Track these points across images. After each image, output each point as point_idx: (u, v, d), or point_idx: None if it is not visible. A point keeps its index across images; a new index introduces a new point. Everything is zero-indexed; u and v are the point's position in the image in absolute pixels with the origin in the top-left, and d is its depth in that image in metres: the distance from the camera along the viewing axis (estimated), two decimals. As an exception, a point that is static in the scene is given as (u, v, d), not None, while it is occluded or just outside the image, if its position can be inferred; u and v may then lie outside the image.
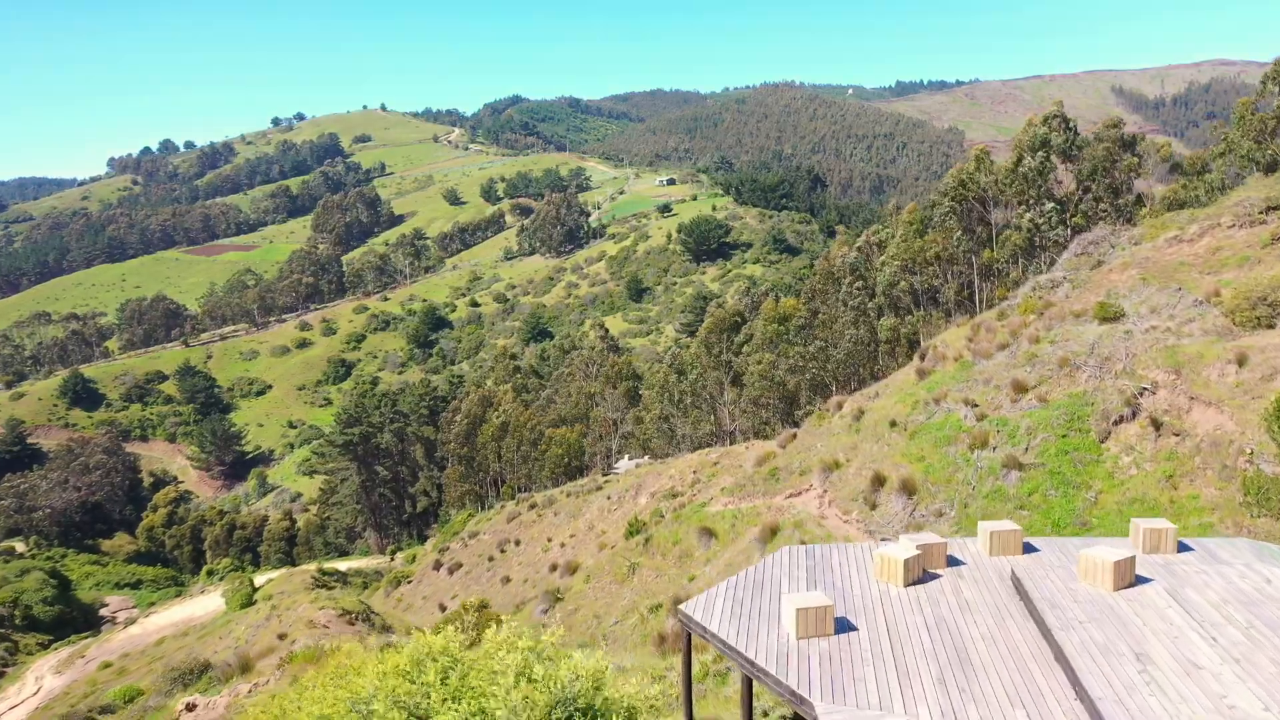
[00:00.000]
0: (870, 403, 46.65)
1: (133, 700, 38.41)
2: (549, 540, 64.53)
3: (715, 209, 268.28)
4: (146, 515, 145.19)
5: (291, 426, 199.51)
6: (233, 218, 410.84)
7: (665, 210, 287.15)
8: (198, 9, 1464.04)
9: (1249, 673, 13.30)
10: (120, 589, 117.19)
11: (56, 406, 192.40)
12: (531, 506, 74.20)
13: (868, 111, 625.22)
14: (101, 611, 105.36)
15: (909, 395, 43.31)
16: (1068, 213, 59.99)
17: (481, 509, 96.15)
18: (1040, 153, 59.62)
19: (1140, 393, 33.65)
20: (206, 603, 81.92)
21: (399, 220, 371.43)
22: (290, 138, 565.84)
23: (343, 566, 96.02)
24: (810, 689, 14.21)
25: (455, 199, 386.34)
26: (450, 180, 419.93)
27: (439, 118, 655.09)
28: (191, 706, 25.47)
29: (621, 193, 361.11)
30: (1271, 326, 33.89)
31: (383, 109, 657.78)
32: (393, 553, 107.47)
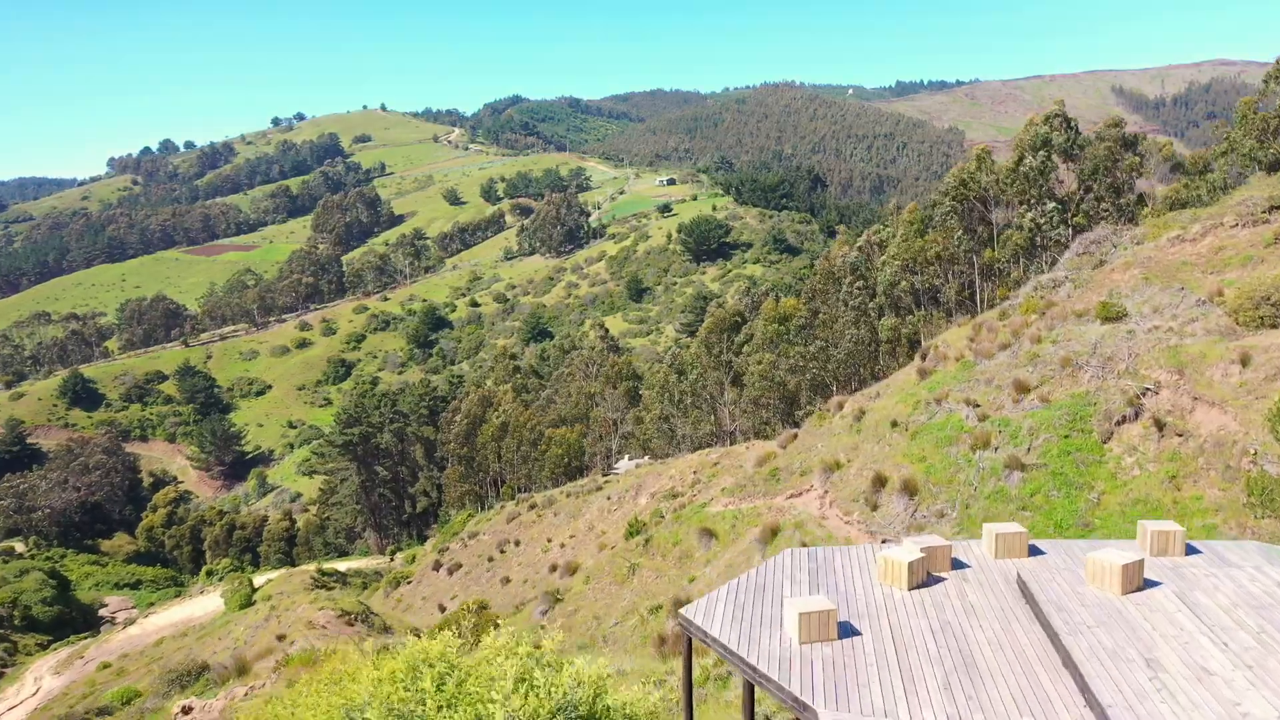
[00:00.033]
0: (871, 403, 46.47)
1: (130, 702, 38.25)
2: (549, 541, 64.37)
3: (715, 209, 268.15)
4: (146, 515, 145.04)
5: (291, 426, 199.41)
6: (233, 218, 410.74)
7: (665, 210, 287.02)
8: (198, 9, 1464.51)
9: (1262, 679, 13.07)
10: (120, 589, 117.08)
11: (56, 406, 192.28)
12: (531, 507, 74.03)
13: (868, 111, 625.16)
14: (101, 612, 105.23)
15: (910, 395, 43.12)
16: (1069, 212, 59.78)
17: (481, 509, 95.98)
18: (1041, 152, 59.39)
19: (1143, 393, 33.46)
20: (206, 603, 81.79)
21: (399, 220, 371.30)
22: (290, 138, 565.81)
23: (342, 567, 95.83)
24: (813, 695, 14.01)
25: (455, 199, 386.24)
26: (450, 180, 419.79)
27: (439, 118, 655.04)
28: (187, 710, 25.29)
29: (621, 193, 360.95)
30: (1275, 326, 33.68)
31: (383, 109, 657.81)
32: (392, 553, 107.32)
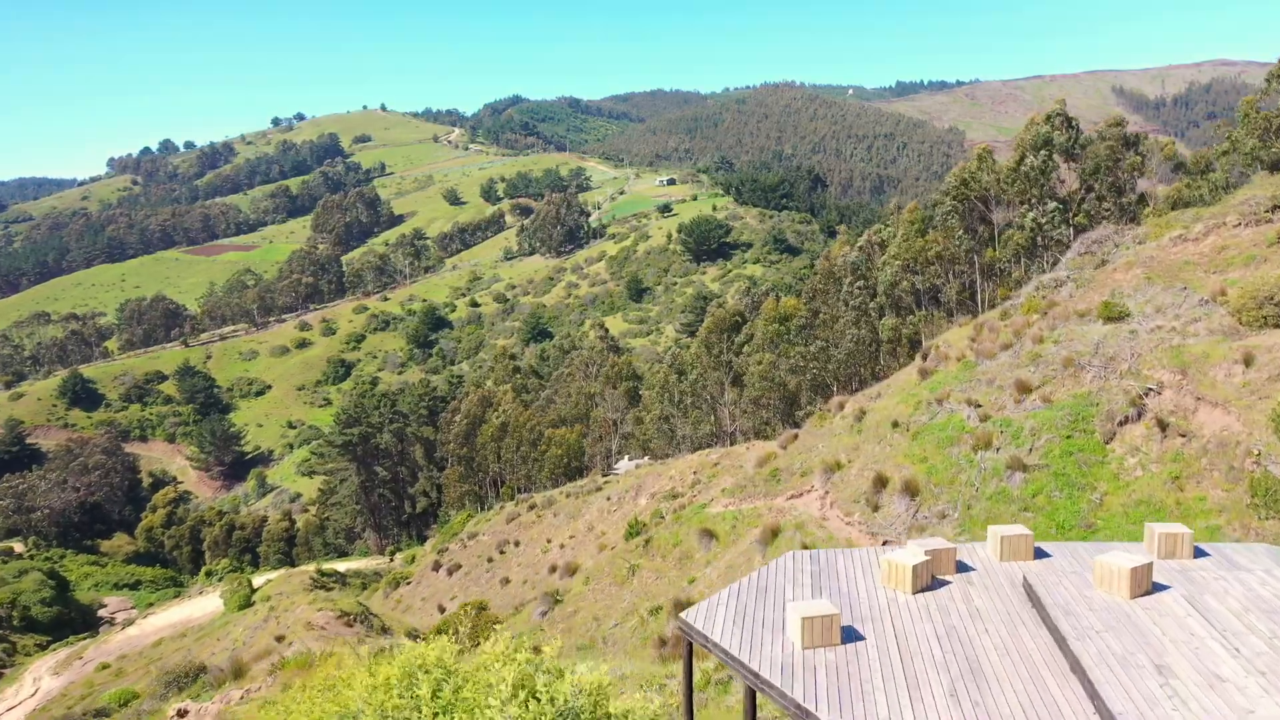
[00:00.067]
0: (872, 403, 46.29)
1: (128, 703, 38.07)
2: (548, 541, 64.17)
3: (715, 209, 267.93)
4: (145, 516, 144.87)
5: (291, 427, 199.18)
6: (232, 218, 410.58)
7: (665, 210, 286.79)
8: (198, 9, 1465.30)
9: (1275, 685, 12.83)
10: (119, 589, 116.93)
11: (56, 407, 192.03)
12: (531, 507, 73.82)
13: (868, 111, 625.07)
14: (100, 612, 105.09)
15: (911, 395, 42.93)
16: (1070, 212, 59.60)
17: (481, 510, 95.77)
18: (1043, 151, 59.20)
19: (1146, 393, 33.26)
20: (205, 604, 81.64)
21: (399, 220, 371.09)
22: (290, 138, 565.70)
23: (341, 567, 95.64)
24: (817, 703, 13.76)
25: (455, 199, 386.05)
26: (450, 180, 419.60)
27: (439, 118, 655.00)
28: (183, 713, 25.08)
29: (621, 193, 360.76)
30: (1278, 326, 33.50)
31: (383, 109, 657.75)
32: (392, 553, 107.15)
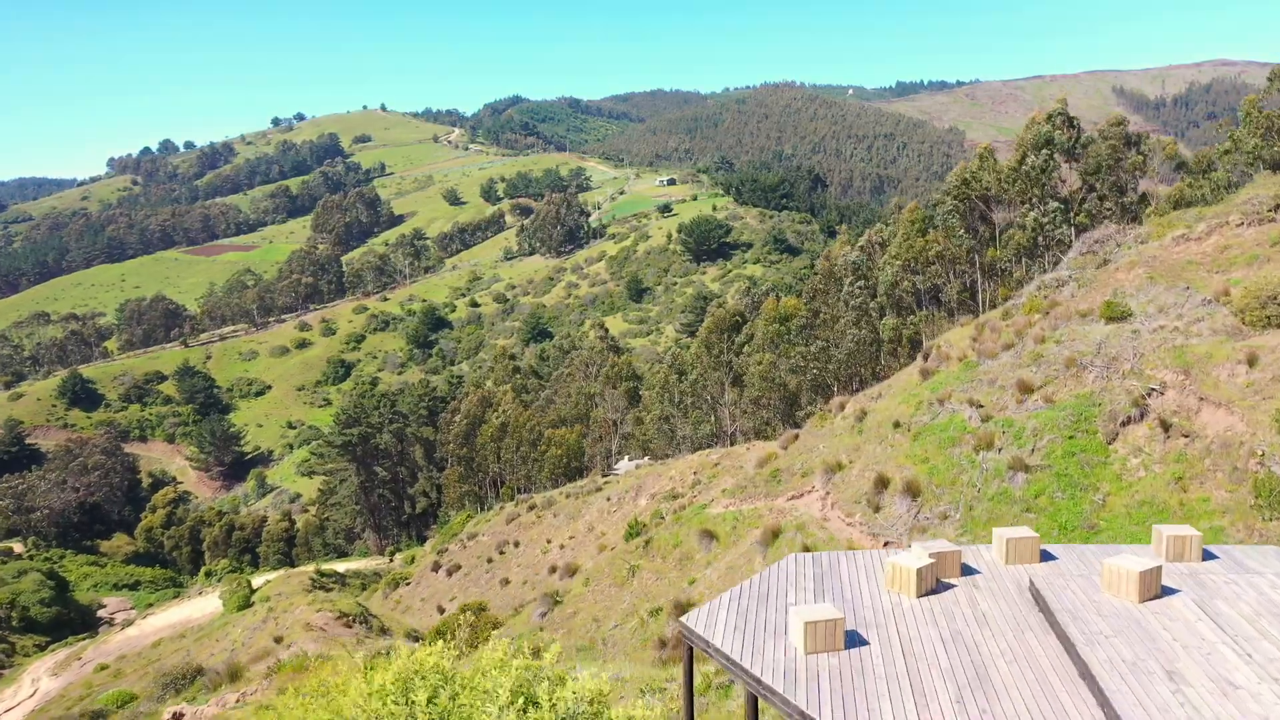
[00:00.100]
0: (873, 403, 46.11)
1: (125, 705, 37.94)
2: (548, 542, 64.05)
3: (715, 209, 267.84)
4: (145, 516, 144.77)
5: (291, 427, 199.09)
6: (232, 218, 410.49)
7: (665, 210, 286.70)
8: (198, 9, 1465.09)
9: (1290, 693, 12.55)
10: (118, 590, 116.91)
11: (55, 407, 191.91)
12: (531, 508, 73.71)
13: (868, 111, 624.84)
14: (99, 613, 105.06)
15: (912, 396, 42.74)
16: (1072, 211, 59.45)
17: (481, 510, 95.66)
18: (1044, 150, 59.04)
19: (1148, 393, 33.09)
20: (204, 604, 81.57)
21: (399, 220, 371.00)
22: (290, 138, 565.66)
23: (341, 568, 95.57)
24: (820, 710, 13.54)
25: (455, 199, 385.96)
26: (450, 180, 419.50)
27: (439, 118, 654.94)
28: (179, 716, 24.91)
29: (622, 193, 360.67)
30: (1282, 326, 33.32)
31: (383, 109, 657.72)
32: (391, 554, 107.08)
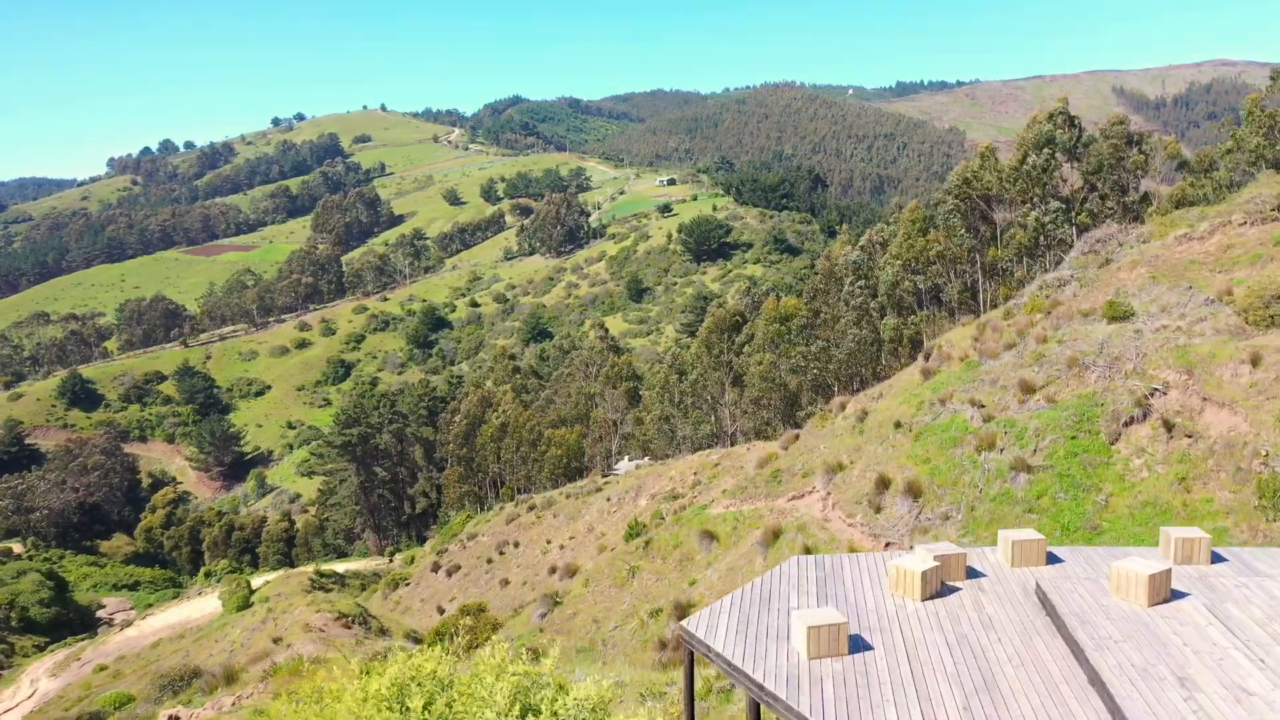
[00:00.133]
0: (874, 403, 45.92)
1: (122, 707, 37.79)
2: (548, 542, 63.88)
3: (716, 209, 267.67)
4: (145, 516, 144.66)
5: (290, 427, 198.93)
6: (232, 218, 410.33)
7: (665, 210, 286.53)
8: (198, 9, 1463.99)
9: (1304, 699, 12.33)
10: (118, 590, 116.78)
11: (55, 407, 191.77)
12: (530, 508, 73.55)
13: (868, 111, 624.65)
14: (99, 613, 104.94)
15: (914, 396, 42.56)
16: (1073, 211, 59.29)
17: (480, 510, 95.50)
18: (1045, 150, 58.87)
19: (1151, 393, 32.93)
20: (204, 604, 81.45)
21: (399, 220, 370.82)
22: (290, 138, 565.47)
23: (341, 568, 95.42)
24: (824, 717, 13.31)
25: (455, 199, 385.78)
26: (450, 180, 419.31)
27: (439, 118, 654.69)
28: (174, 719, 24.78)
29: (622, 193, 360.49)
30: (1285, 326, 33.14)
31: (383, 109, 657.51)
32: (391, 554, 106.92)
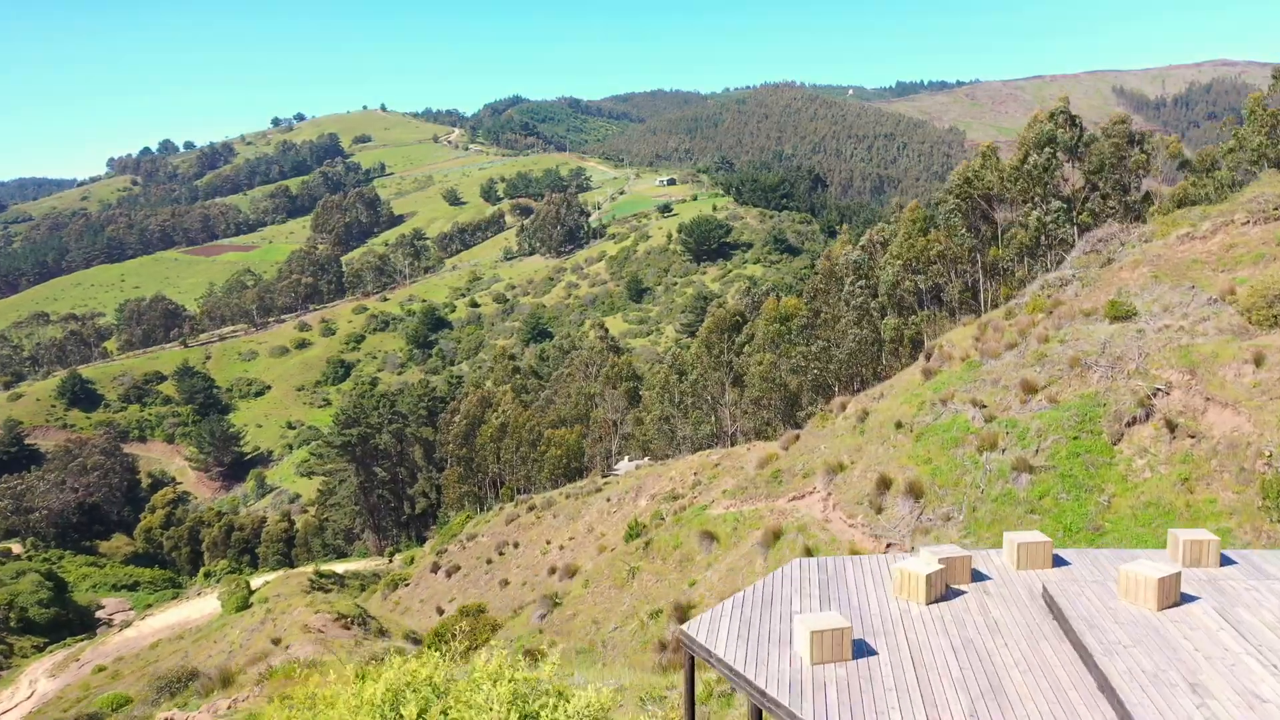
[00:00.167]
0: (875, 404, 45.75)
1: (120, 708, 37.63)
2: (548, 543, 63.72)
3: (716, 209, 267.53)
4: (144, 516, 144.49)
5: (290, 427, 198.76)
6: (232, 218, 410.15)
7: (665, 210, 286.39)
8: (198, 9, 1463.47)
9: (1318, 706, 12.09)
10: (117, 591, 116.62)
11: (54, 407, 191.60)
12: (530, 508, 73.39)
13: (868, 111, 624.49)
14: (98, 613, 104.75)
15: (915, 396, 42.40)
16: (1075, 210, 59.14)
17: (480, 511, 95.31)
18: (1046, 149, 58.73)
19: (1154, 393, 32.77)
20: (203, 605, 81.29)
21: (399, 220, 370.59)
22: (290, 138, 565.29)
23: (340, 569, 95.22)
24: None
25: (455, 199, 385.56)
26: (450, 180, 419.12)
27: (439, 118, 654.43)
28: (170, 722, 24.64)
29: (622, 193, 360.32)
30: (1289, 325, 32.98)
31: (383, 109, 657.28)
32: (391, 554, 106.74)
